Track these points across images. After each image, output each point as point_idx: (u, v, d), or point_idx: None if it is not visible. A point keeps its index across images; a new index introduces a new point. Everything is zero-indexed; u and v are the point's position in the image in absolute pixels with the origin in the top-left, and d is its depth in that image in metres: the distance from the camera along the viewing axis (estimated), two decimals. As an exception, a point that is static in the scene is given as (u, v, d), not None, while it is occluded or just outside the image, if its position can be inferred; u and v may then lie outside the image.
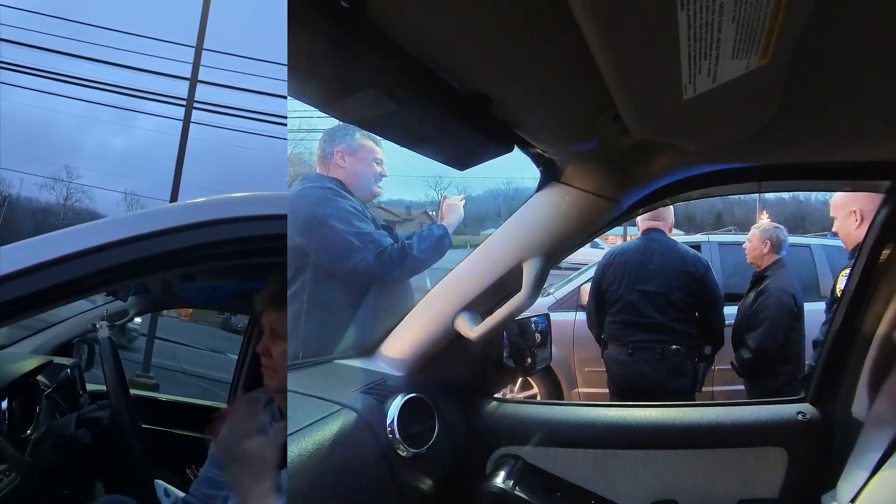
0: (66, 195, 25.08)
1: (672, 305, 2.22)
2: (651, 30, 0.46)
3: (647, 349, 2.23)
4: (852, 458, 1.03)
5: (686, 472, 1.20)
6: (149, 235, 0.74)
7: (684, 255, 2.27)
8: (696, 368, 2.27)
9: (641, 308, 2.25)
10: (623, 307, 2.29)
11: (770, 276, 2.50)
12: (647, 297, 2.24)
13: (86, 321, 1.84)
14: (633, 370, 2.26)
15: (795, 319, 2.43)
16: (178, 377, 6.84)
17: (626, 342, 2.28)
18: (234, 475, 0.78)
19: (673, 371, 2.21)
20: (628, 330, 2.28)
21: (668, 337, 2.21)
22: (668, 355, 2.21)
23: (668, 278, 2.23)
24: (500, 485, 1.07)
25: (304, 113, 12.92)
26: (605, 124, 0.76)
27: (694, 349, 2.25)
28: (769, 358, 2.39)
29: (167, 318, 9.11)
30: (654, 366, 2.22)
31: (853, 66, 0.66)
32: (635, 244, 2.36)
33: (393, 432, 0.91)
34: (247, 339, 2.05)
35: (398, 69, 0.59)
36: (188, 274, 1.24)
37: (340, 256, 1.42)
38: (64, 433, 1.32)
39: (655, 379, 2.21)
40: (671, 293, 2.22)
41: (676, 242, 2.34)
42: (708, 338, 2.30)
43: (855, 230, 1.79)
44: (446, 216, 1.61)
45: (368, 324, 1.41)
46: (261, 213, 0.79)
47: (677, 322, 2.22)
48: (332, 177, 1.53)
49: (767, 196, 20.78)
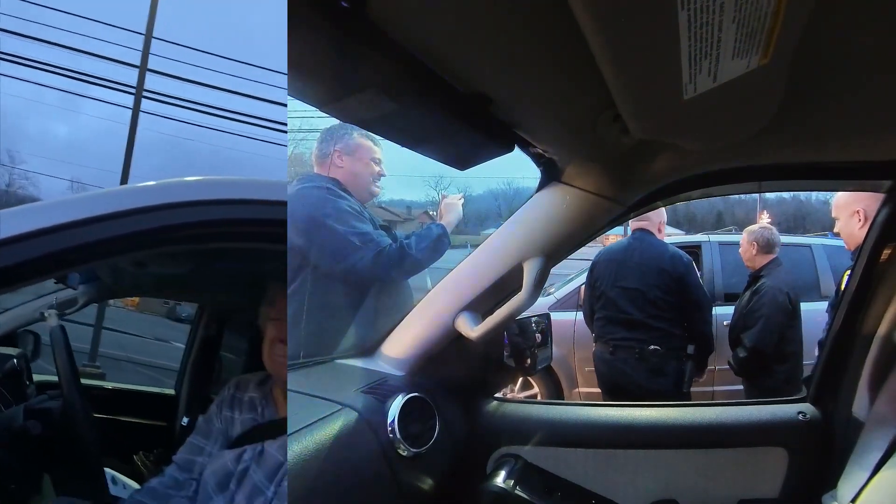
0: (8, 181, 23.74)
1: (650, 303, 2.24)
2: (651, 29, 0.46)
3: (627, 347, 2.26)
4: (853, 458, 1.03)
5: (686, 472, 1.20)
6: (101, 218, 0.71)
7: (662, 254, 2.29)
8: (681, 368, 2.27)
9: (620, 303, 2.28)
10: (605, 303, 2.33)
11: (765, 275, 2.52)
12: (625, 293, 2.27)
13: (31, 311, 1.76)
14: (615, 368, 2.29)
15: (791, 318, 2.45)
16: (123, 366, 6.84)
17: (608, 339, 2.31)
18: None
19: (652, 371, 2.22)
20: (610, 327, 2.31)
21: (647, 335, 2.23)
22: (646, 355, 2.22)
23: (645, 276, 2.26)
24: (501, 484, 1.07)
25: (305, 113, 12.93)
26: (606, 124, 0.76)
27: (676, 350, 2.26)
28: (765, 357, 2.40)
29: (112, 308, 9.14)
30: (633, 365, 2.24)
31: (854, 65, 0.66)
32: (621, 243, 2.41)
33: (393, 432, 0.91)
34: (195, 328, 2.09)
35: (398, 69, 0.59)
36: (139, 261, 1.18)
37: (339, 256, 1.42)
38: (11, 425, 1.25)
39: (635, 378, 2.23)
40: (648, 291, 2.24)
41: (660, 242, 2.37)
42: (694, 340, 2.31)
43: (858, 230, 1.78)
44: (445, 215, 1.61)
45: (369, 323, 1.41)
46: (216, 197, 0.78)
47: (656, 320, 2.23)
48: (331, 177, 1.53)
49: (768, 196, 20.76)
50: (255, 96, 9.09)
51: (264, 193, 0.81)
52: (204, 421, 1.04)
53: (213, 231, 0.78)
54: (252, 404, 1.00)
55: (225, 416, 1.01)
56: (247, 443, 0.96)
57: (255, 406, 1.00)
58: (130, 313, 12.10)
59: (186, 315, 9.98)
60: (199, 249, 0.92)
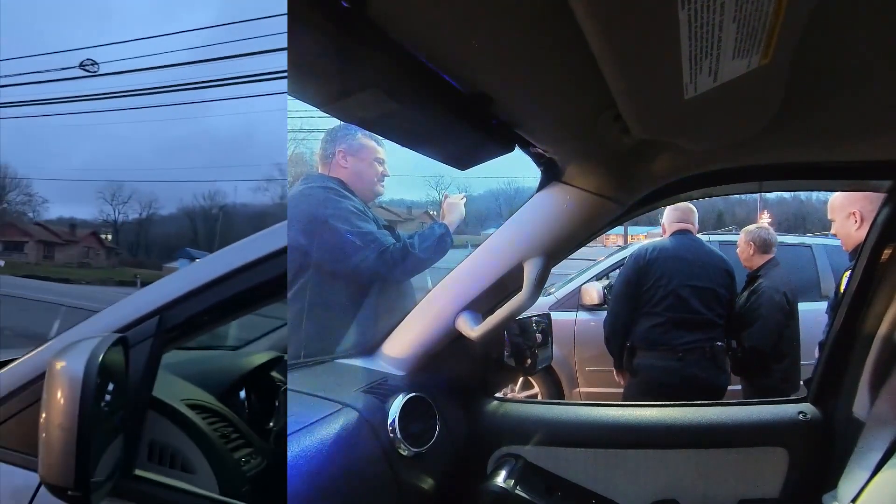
0: None
1: (718, 302, 2.29)
2: (652, 29, 0.46)
3: (697, 349, 2.23)
4: (853, 459, 1.03)
5: (687, 472, 1.20)
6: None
7: (720, 255, 2.39)
8: (727, 362, 2.37)
9: (692, 303, 2.25)
10: (672, 304, 2.24)
11: (763, 275, 2.54)
12: (696, 292, 2.26)
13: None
14: (684, 374, 2.21)
15: (788, 317, 2.47)
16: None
17: (675, 345, 2.22)
18: None
19: (719, 368, 2.29)
20: (676, 331, 2.23)
21: (714, 333, 2.28)
22: (716, 352, 2.27)
23: (713, 275, 2.31)
24: (501, 484, 1.07)
25: (304, 113, 12.96)
26: (606, 124, 0.76)
27: (725, 344, 2.35)
28: (763, 356, 2.42)
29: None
30: (702, 365, 2.24)
31: (854, 65, 0.66)
32: (674, 242, 2.35)
33: (394, 431, 0.92)
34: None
35: (399, 69, 0.59)
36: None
37: (342, 256, 1.42)
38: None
39: (703, 380, 2.22)
40: (718, 290, 2.30)
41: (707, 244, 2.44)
42: (731, 333, 2.41)
43: (855, 231, 1.79)
44: (447, 215, 1.61)
45: (370, 323, 1.41)
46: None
47: (720, 318, 2.30)
48: (334, 177, 1.54)
49: (768, 196, 20.66)
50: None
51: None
52: None
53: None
54: None
55: None
56: None
57: None
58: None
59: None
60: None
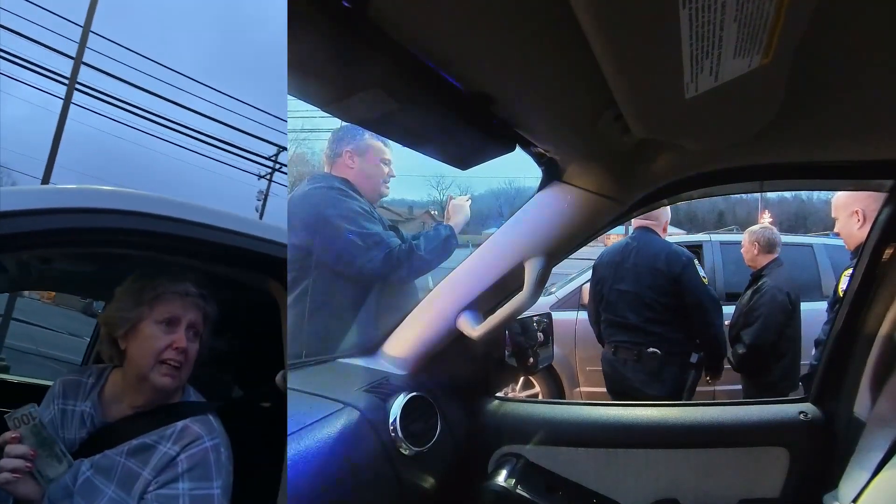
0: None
1: (645, 306, 2.16)
2: (653, 29, 0.46)
3: (626, 349, 2.22)
4: (854, 459, 1.03)
5: (688, 472, 1.20)
6: (14, 213, 0.76)
7: (658, 254, 2.19)
8: (682, 376, 2.19)
9: (618, 307, 2.23)
10: (606, 306, 2.29)
11: (766, 275, 2.55)
12: (622, 296, 2.22)
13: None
14: (616, 370, 2.25)
15: (789, 317, 2.48)
16: (31, 359, 6.58)
17: (611, 341, 2.28)
18: None
19: (650, 375, 2.15)
20: (611, 329, 2.28)
21: (645, 339, 2.16)
22: (644, 358, 2.15)
23: (639, 277, 2.18)
24: (502, 483, 1.07)
25: (306, 113, 12.96)
26: (607, 123, 0.76)
27: (676, 355, 2.18)
28: (763, 354, 2.43)
29: (27, 300, 8.91)
30: (631, 367, 2.19)
31: (856, 64, 0.66)
32: (620, 244, 2.36)
33: (395, 431, 0.92)
34: (98, 325, 2.05)
35: (399, 69, 0.59)
36: (46, 257, 1.18)
37: (349, 257, 1.43)
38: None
39: (633, 382, 2.17)
40: (642, 293, 2.16)
41: (660, 241, 2.26)
42: (701, 344, 2.23)
43: (858, 230, 1.79)
44: (452, 216, 1.61)
45: (371, 323, 1.42)
46: (125, 208, 0.85)
47: (653, 324, 2.16)
48: (341, 177, 1.54)
49: (769, 195, 20.61)
50: (178, 103, 9.16)
51: (153, 207, 0.88)
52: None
53: (122, 239, 0.86)
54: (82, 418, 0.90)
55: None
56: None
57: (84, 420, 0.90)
58: (46, 306, 11.56)
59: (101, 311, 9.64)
60: (92, 252, 1.00)
